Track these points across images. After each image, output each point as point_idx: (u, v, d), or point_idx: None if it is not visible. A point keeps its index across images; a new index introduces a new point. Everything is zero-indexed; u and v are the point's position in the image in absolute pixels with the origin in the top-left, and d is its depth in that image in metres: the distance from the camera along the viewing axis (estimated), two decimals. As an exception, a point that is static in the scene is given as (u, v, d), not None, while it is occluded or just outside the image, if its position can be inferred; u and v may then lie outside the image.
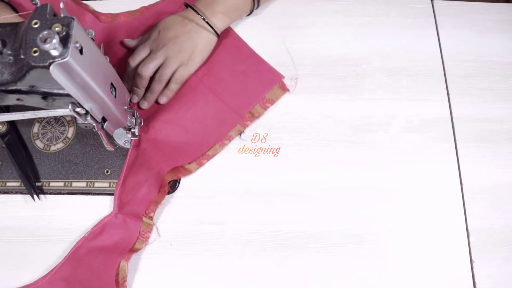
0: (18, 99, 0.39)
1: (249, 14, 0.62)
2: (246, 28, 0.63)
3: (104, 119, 0.44)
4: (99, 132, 0.45)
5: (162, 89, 0.57)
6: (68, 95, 0.38)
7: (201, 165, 0.55)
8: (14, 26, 0.36)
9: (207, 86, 0.58)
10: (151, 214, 0.50)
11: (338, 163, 0.56)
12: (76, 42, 0.33)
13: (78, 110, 0.39)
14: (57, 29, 0.32)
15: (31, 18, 0.33)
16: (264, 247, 0.52)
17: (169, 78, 0.56)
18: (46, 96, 0.39)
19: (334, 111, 0.58)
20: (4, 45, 0.35)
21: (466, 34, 0.64)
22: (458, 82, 0.61)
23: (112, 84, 0.44)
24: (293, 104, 0.59)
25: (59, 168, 0.55)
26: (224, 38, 0.60)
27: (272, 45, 0.62)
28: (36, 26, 0.33)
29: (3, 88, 0.36)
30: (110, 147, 0.51)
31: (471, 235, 0.53)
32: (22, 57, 0.34)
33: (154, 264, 0.51)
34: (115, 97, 0.44)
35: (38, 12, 0.34)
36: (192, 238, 0.52)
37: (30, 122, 0.57)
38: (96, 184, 0.54)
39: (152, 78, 0.56)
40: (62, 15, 0.34)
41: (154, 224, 0.51)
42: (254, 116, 0.57)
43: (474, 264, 0.51)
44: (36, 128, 0.57)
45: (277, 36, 0.63)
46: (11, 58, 0.35)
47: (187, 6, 0.57)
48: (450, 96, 0.60)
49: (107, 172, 0.54)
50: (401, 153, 0.56)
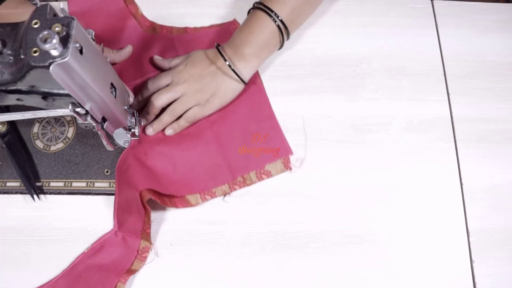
0: (18, 99, 0.39)
1: (280, 48, 0.56)
2: (246, 28, 0.63)
3: (104, 119, 0.44)
4: (99, 132, 0.45)
5: (171, 122, 0.55)
6: (68, 95, 0.38)
7: (173, 205, 0.52)
8: (14, 26, 0.36)
9: (214, 133, 0.55)
10: (148, 231, 0.50)
11: (338, 163, 0.56)
12: (76, 42, 0.33)
13: (78, 110, 0.39)
14: (57, 29, 0.33)
15: (31, 18, 0.33)
16: (264, 247, 0.52)
17: (181, 114, 0.54)
18: (46, 96, 0.39)
19: (334, 111, 0.58)
20: (4, 45, 0.35)
21: (466, 34, 0.64)
22: (458, 82, 0.61)
23: (112, 84, 0.44)
24: (293, 104, 0.59)
25: (59, 168, 0.55)
26: (249, 88, 0.58)
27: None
28: (36, 26, 0.33)
29: (3, 88, 0.36)
30: (110, 147, 0.51)
31: (471, 235, 0.53)
32: (22, 57, 0.34)
33: (154, 264, 0.51)
34: (115, 97, 0.44)
35: (38, 12, 0.34)
36: (192, 238, 0.52)
37: (30, 122, 0.57)
38: (96, 184, 0.54)
39: (164, 108, 0.54)
40: (62, 15, 0.34)
41: (152, 243, 0.51)
42: (245, 182, 0.54)
43: (474, 264, 0.51)
44: (36, 128, 0.57)
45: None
46: (11, 58, 0.35)
47: (218, 49, 0.54)
48: (450, 96, 0.60)
49: (107, 172, 0.54)
50: (401, 153, 0.56)
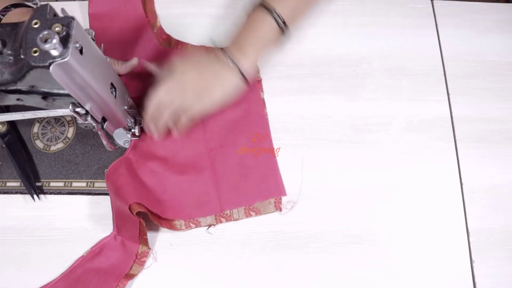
0: (18, 99, 0.39)
1: (280, 46, 0.54)
2: (246, 28, 0.63)
3: (104, 119, 0.44)
4: (99, 132, 0.45)
5: (171, 118, 0.52)
6: (68, 95, 0.38)
7: (159, 223, 0.50)
8: (14, 26, 0.36)
9: (211, 161, 0.54)
10: (145, 236, 0.50)
11: (338, 163, 0.56)
12: (76, 42, 0.33)
13: (78, 110, 0.39)
14: (57, 29, 0.32)
15: (31, 18, 0.33)
16: (264, 247, 0.52)
17: (182, 109, 0.51)
18: (46, 96, 0.39)
19: (334, 111, 0.58)
20: (4, 45, 0.35)
21: (466, 34, 0.64)
22: (458, 82, 0.61)
23: (112, 84, 0.44)
24: (293, 104, 0.59)
25: (59, 168, 0.55)
26: (253, 118, 0.57)
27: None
28: (36, 26, 0.33)
29: (3, 88, 0.36)
30: (110, 147, 0.51)
31: (471, 235, 0.53)
32: (22, 57, 0.34)
33: (154, 264, 0.51)
34: (115, 97, 0.44)
35: (38, 12, 0.34)
36: (192, 238, 0.52)
37: (30, 122, 0.57)
38: (96, 184, 0.54)
39: None
40: (62, 15, 0.34)
41: (150, 248, 0.51)
42: (232, 217, 0.52)
43: (474, 264, 0.51)
44: (36, 128, 0.57)
45: (277, 36, 0.63)
46: (11, 58, 0.35)
47: (221, 48, 0.52)
48: (450, 96, 0.60)
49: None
50: (401, 153, 0.56)
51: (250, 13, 0.53)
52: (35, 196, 0.53)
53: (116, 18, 0.62)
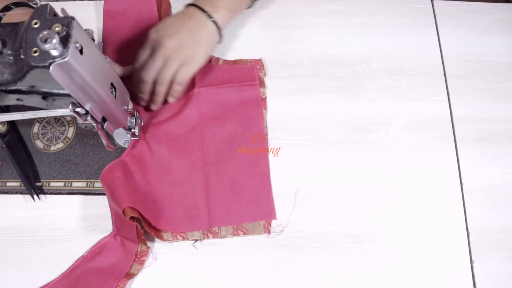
0: (18, 99, 0.39)
1: (249, 7, 0.60)
2: (246, 28, 0.63)
3: (104, 119, 0.44)
4: (99, 132, 0.45)
5: (167, 89, 0.54)
6: (68, 95, 0.38)
7: (149, 230, 0.50)
8: (14, 26, 0.36)
9: (205, 175, 0.54)
10: (142, 237, 0.50)
11: (338, 163, 0.56)
12: (76, 42, 0.33)
13: (78, 110, 0.39)
14: (57, 29, 0.32)
15: (31, 18, 0.33)
16: (264, 247, 0.52)
17: (171, 78, 0.53)
18: (46, 96, 0.39)
19: (334, 111, 0.58)
20: (4, 45, 0.35)
21: (466, 34, 0.64)
22: (458, 82, 0.61)
23: (112, 84, 0.44)
24: (293, 104, 0.59)
25: (59, 168, 0.55)
26: (251, 137, 0.56)
27: (272, 45, 0.62)
28: (36, 26, 0.33)
29: (3, 88, 0.36)
30: (110, 147, 0.51)
31: (471, 235, 0.53)
32: (22, 57, 0.34)
33: (154, 264, 0.51)
34: (115, 97, 0.44)
35: (38, 12, 0.34)
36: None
37: (30, 122, 0.57)
38: (96, 184, 0.54)
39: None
40: (62, 15, 0.34)
41: (150, 248, 0.51)
42: (219, 234, 0.52)
43: (474, 264, 0.51)
44: (36, 128, 0.57)
45: (277, 36, 0.63)
46: (11, 58, 0.35)
47: (188, 4, 0.55)
48: (450, 96, 0.60)
49: (107, 172, 0.54)
50: (401, 153, 0.56)
51: None
52: (35, 196, 0.53)
53: (129, 17, 0.62)
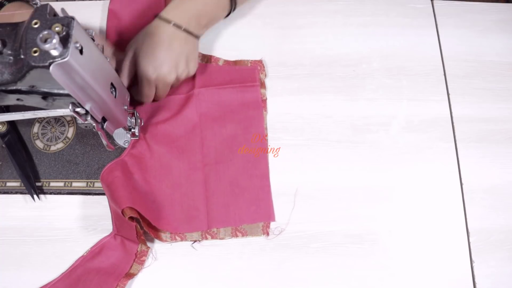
0: (18, 99, 0.39)
1: (227, 16, 0.58)
2: (246, 28, 0.63)
3: (104, 119, 0.44)
4: (99, 132, 0.45)
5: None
6: (68, 95, 0.38)
7: (148, 231, 0.50)
8: (14, 26, 0.36)
9: (205, 176, 0.54)
10: (142, 237, 0.50)
11: (338, 163, 0.56)
12: (76, 42, 0.33)
13: (78, 110, 0.39)
14: (57, 29, 0.32)
15: (31, 18, 0.33)
16: (264, 247, 0.52)
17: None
18: (46, 96, 0.39)
19: (334, 111, 0.58)
20: (4, 45, 0.35)
21: (466, 34, 0.64)
22: (458, 82, 0.61)
23: (112, 84, 0.44)
24: (293, 104, 0.59)
25: (59, 168, 0.55)
26: (252, 139, 0.56)
27: (272, 45, 0.62)
28: (36, 26, 0.33)
29: (3, 88, 0.36)
30: (110, 147, 0.51)
31: (471, 235, 0.53)
32: (22, 57, 0.34)
33: (155, 263, 0.51)
34: (115, 97, 0.44)
35: (38, 12, 0.34)
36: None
37: (30, 122, 0.57)
38: (96, 184, 0.54)
39: None
40: (62, 15, 0.34)
41: (150, 248, 0.51)
42: (218, 235, 0.52)
43: (474, 264, 0.51)
44: (36, 128, 0.57)
45: (277, 36, 0.63)
46: (11, 58, 0.35)
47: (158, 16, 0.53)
48: (450, 96, 0.60)
49: (107, 172, 0.54)
50: (401, 153, 0.56)
51: None
52: (35, 196, 0.53)
53: (135, 20, 0.61)
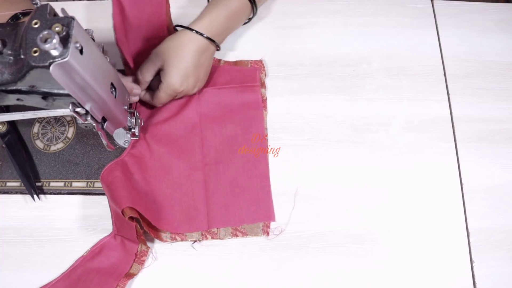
0: (18, 99, 0.39)
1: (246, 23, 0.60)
2: (246, 28, 0.63)
3: (104, 119, 0.44)
4: (99, 132, 0.44)
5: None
6: (68, 95, 0.38)
7: (148, 231, 0.50)
8: (14, 26, 0.36)
9: (205, 176, 0.54)
10: (142, 237, 0.50)
11: (338, 163, 0.56)
12: (76, 42, 0.33)
13: (78, 110, 0.39)
14: (57, 29, 0.32)
15: (31, 18, 0.33)
16: (264, 247, 0.52)
17: None
18: (46, 96, 0.39)
19: (334, 111, 0.58)
20: (4, 45, 0.35)
21: (466, 34, 0.64)
22: (458, 82, 0.61)
23: (112, 84, 0.44)
24: (293, 104, 0.59)
25: (59, 168, 0.55)
26: (252, 139, 0.56)
27: (272, 45, 0.62)
28: (36, 26, 0.33)
29: (3, 88, 0.36)
30: (110, 147, 0.51)
31: (471, 235, 0.53)
32: (22, 57, 0.34)
33: (155, 263, 0.51)
34: (115, 97, 0.44)
35: (38, 12, 0.34)
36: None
37: (30, 122, 0.57)
38: (96, 184, 0.54)
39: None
40: (62, 15, 0.34)
41: (150, 248, 0.51)
42: (218, 235, 0.52)
43: (474, 264, 0.51)
44: (36, 128, 0.57)
45: (277, 36, 0.63)
46: (11, 58, 0.35)
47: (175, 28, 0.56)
48: (450, 96, 0.60)
49: (107, 172, 0.54)
50: (401, 153, 0.56)
51: None
52: (35, 196, 0.53)
53: (141, 7, 0.61)
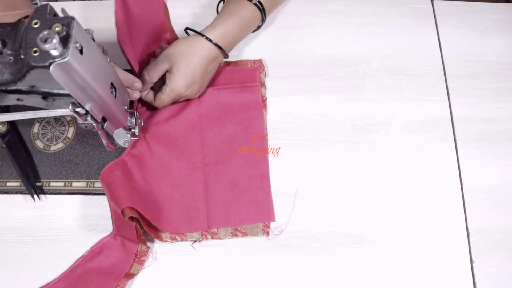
0: (18, 99, 0.39)
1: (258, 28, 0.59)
2: (246, 28, 0.63)
3: (104, 119, 0.44)
4: (99, 132, 0.44)
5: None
6: (68, 95, 0.38)
7: (148, 231, 0.50)
8: (14, 26, 0.36)
9: (205, 176, 0.54)
10: (142, 237, 0.50)
11: (338, 163, 0.56)
12: (76, 42, 0.33)
13: (78, 110, 0.39)
14: (57, 29, 0.32)
15: (31, 18, 0.33)
16: (264, 247, 0.52)
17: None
18: (46, 96, 0.39)
19: (334, 111, 0.58)
20: (4, 45, 0.35)
21: (466, 34, 0.64)
22: (458, 82, 0.61)
23: (112, 84, 0.44)
24: (293, 104, 0.59)
25: (59, 168, 0.55)
26: (252, 139, 0.56)
27: (272, 45, 0.62)
28: (36, 26, 0.33)
29: (3, 88, 0.36)
30: (110, 147, 0.51)
31: (471, 235, 0.53)
32: (22, 57, 0.34)
33: (155, 263, 0.51)
34: (115, 97, 0.44)
35: (38, 12, 0.34)
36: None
37: (30, 122, 0.57)
38: (96, 184, 0.54)
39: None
40: (62, 15, 0.34)
41: (149, 248, 0.51)
42: (218, 235, 0.52)
43: (474, 264, 0.51)
44: (36, 128, 0.57)
45: (277, 36, 0.63)
46: (11, 58, 0.35)
47: (187, 31, 0.56)
48: (450, 96, 0.60)
49: (107, 172, 0.54)
50: (401, 153, 0.56)
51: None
52: (35, 196, 0.53)
53: (139, 13, 0.61)
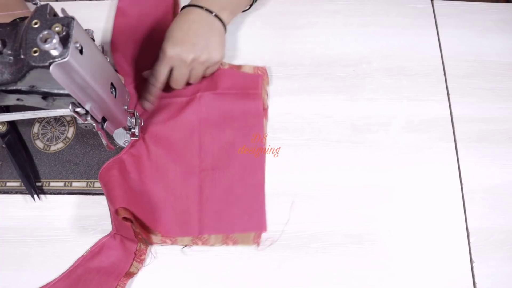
0: (18, 99, 0.39)
1: (246, 10, 0.62)
2: (246, 28, 0.63)
3: (104, 119, 0.44)
4: (99, 132, 0.45)
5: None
6: (68, 95, 0.38)
7: (142, 232, 0.50)
8: (14, 26, 0.36)
9: (199, 182, 0.54)
10: (139, 236, 0.50)
11: (338, 163, 0.56)
12: (76, 42, 0.33)
13: (78, 110, 0.39)
14: (57, 29, 0.32)
15: (31, 18, 0.33)
16: (264, 247, 0.52)
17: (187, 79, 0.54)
18: (46, 96, 0.39)
19: (334, 111, 0.58)
20: (4, 45, 0.35)
21: (466, 34, 0.64)
22: (458, 82, 0.61)
23: (112, 84, 0.44)
24: (293, 104, 0.59)
25: (59, 168, 0.55)
26: (250, 160, 0.55)
27: (272, 45, 0.62)
28: (36, 26, 0.33)
29: (3, 88, 0.36)
30: (110, 147, 0.51)
31: (471, 235, 0.53)
32: (22, 57, 0.34)
33: (154, 263, 0.51)
34: (115, 97, 0.44)
35: (38, 12, 0.34)
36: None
37: (30, 122, 0.57)
38: (96, 184, 0.54)
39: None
40: (62, 15, 0.34)
41: (148, 246, 0.51)
42: (209, 241, 0.51)
43: (474, 264, 0.51)
44: (36, 128, 0.57)
45: (277, 36, 0.63)
46: (11, 58, 0.35)
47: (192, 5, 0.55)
48: (450, 96, 0.60)
49: (107, 172, 0.54)
50: (401, 153, 0.56)
51: None
52: (35, 196, 0.53)
53: (143, 19, 0.61)
